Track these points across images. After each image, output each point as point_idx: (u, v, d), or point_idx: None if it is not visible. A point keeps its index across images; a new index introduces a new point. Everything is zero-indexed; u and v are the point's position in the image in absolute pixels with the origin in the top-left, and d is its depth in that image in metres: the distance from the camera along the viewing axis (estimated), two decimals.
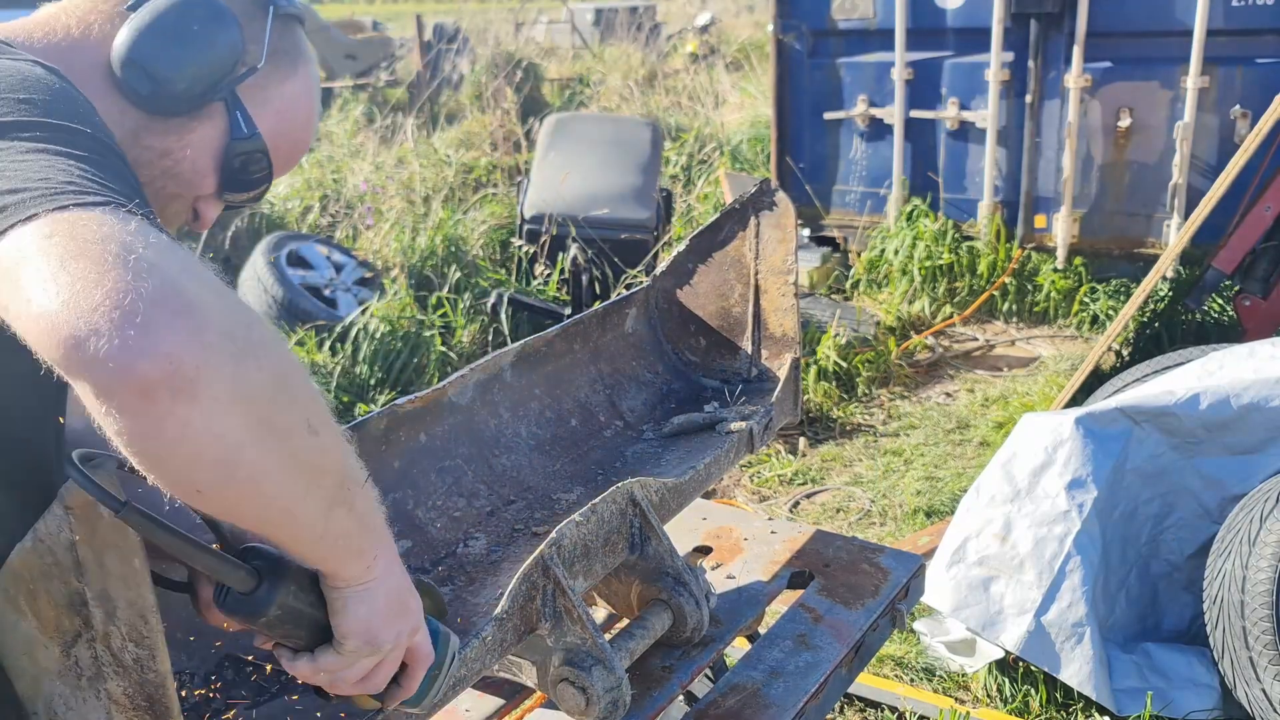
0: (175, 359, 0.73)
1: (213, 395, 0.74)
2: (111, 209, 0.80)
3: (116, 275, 0.73)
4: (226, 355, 0.75)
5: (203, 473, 0.76)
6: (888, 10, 5.85)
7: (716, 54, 13.92)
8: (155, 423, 0.73)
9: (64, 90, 0.98)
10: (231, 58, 1.15)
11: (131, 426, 0.74)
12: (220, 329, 0.76)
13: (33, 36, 1.11)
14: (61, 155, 0.87)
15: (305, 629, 0.96)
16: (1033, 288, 5.94)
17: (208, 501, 0.79)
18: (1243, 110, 5.06)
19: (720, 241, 2.09)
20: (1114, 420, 2.95)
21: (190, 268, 0.78)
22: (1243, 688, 2.64)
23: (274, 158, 1.22)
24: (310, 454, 0.83)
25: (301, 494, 0.83)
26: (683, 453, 1.87)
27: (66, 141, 0.89)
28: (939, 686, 3.05)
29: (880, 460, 4.52)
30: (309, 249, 5.86)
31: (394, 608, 0.98)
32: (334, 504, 0.87)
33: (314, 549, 0.90)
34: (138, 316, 0.72)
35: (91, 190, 0.82)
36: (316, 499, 0.85)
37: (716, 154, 8.52)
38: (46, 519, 0.90)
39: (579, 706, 1.38)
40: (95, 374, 0.72)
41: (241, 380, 0.76)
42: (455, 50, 11.94)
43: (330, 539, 0.89)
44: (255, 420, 0.77)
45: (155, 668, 0.92)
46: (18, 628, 0.97)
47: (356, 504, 0.90)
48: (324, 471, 0.85)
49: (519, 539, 1.64)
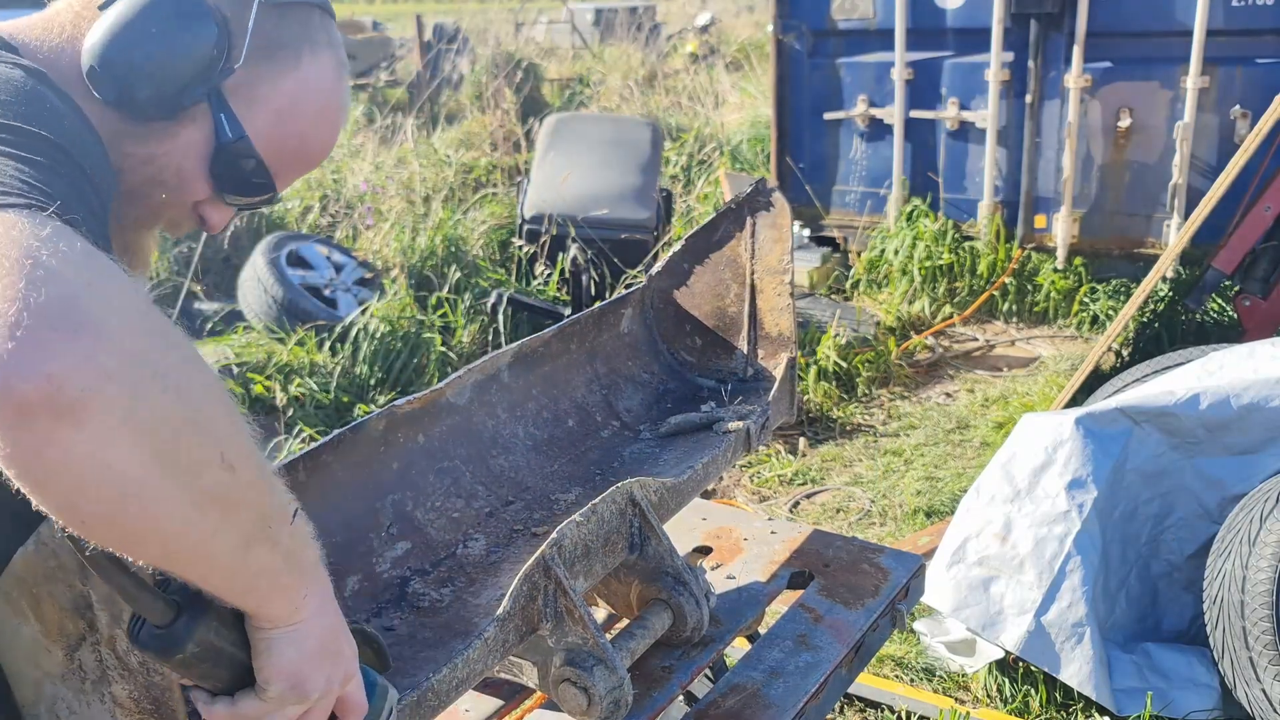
0: (58, 380, 0.67)
1: (102, 422, 0.69)
2: (30, 212, 0.75)
3: (8, 283, 0.69)
4: (124, 381, 0.70)
5: (88, 503, 0.71)
6: (888, 10, 5.85)
7: (716, 54, 13.93)
8: (33, 445, 0.68)
9: (33, 92, 0.95)
10: (204, 56, 1.07)
11: (10, 444, 0.68)
12: (122, 352, 0.70)
13: (31, 35, 1.09)
14: (3, 155, 0.83)
15: (226, 669, 0.88)
16: (1033, 288, 5.94)
17: (94, 533, 0.74)
18: (1243, 110, 5.06)
19: (716, 241, 2.09)
20: (1114, 420, 2.95)
21: (101, 283, 0.72)
22: (1243, 688, 2.64)
23: (279, 160, 1.15)
24: (223, 490, 0.77)
25: (211, 531, 0.77)
26: (680, 453, 1.87)
27: (14, 144, 0.86)
28: (939, 686, 3.06)
29: (880, 460, 4.52)
30: (309, 249, 5.87)
31: (324, 652, 0.91)
32: (252, 541, 0.81)
33: (230, 587, 0.84)
34: (19, 329, 0.67)
35: (17, 191, 0.78)
36: (230, 536, 0.79)
37: (716, 154, 8.52)
38: (49, 521, 0.90)
39: (580, 706, 1.38)
40: None
41: (139, 409, 0.71)
42: (455, 50, 11.95)
43: (249, 577, 0.83)
44: (153, 453, 0.71)
45: (161, 670, 0.91)
46: (20, 631, 0.97)
47: (281, 541, 0.84)
48: (239, 508, 0.79)
49: (518, 540, 1.64)
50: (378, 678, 1.04)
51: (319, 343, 5.04)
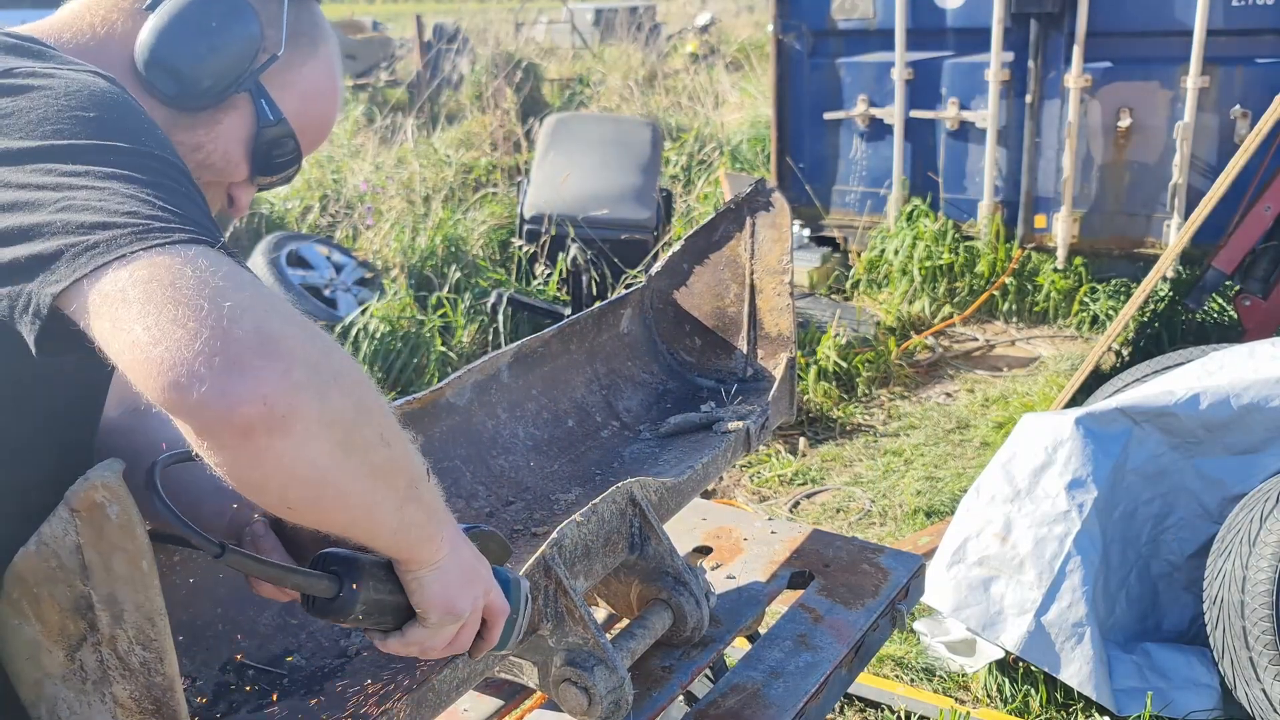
0: (270, 400, 0.79)
1: (303, 427, 0.81)
2: (201, 249, 0.85)
3: (213, 322, 0.79)
4: (313, 389, 0.82)
5: (296, 493, 0.85)
6: (888, 10, 5.85)
7: (716, 54, 13.93)
8: (253, 457, 0.81)
9: (125, 103, 0.99)
10: (252, 48, 1.16)
11: (233, 460, 0.81)
12: (305, 364, 0.82)
13: (61, 38, 1.11)
14: (138, 183, 0.89)
15: (390, 614, 1.04)
16: (1033, 288, 5.94)
17: (299, 515, 0.88)
18: (1243, 110, 5.06)
19: (716, 242, 2.09)
20: (1114, 420, 2.95)
21: (274, 307, 0.84)
22: (1243, 688, 2.64)
23: (301, 138, 1.24)
24: (385, 463, 0.90)
25: (380, 499, 0.91)
26: (680, 453, 1.87)
27: (139, 166, 0.91)
28: (939, 686, 3.06)
29: (880, 460, 4.52)
30: (309, 249, 5.87)
31: (466, 577, 1.06)
32: (406, 501, 0.94)
33: (392, 542, 0.97)
34: (234, 363, 0.79)
35: (176, 226, 0.86)
36: (392, 500, 0.92)
37: (716, 154, 8.52)
38: (51, 522, 0.90)
39: (581, 706, 1.38)
40: (198, 417, 0.79)
41: (326, 409, 0.83)
42: (455, 50, 11.94)
43: (404, 532, 0.96)
44: (339, 443, 0.84)
45: (163, 670, 0.92)
46: (21, 632, 0.97)
47: (424, 497, 0.98)
48: (396, 475, 0.92)
49: (518, 540, 1.64)
50: (509, 574, 1.18)
51: None
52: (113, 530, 0.87)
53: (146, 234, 0.84)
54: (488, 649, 1.15)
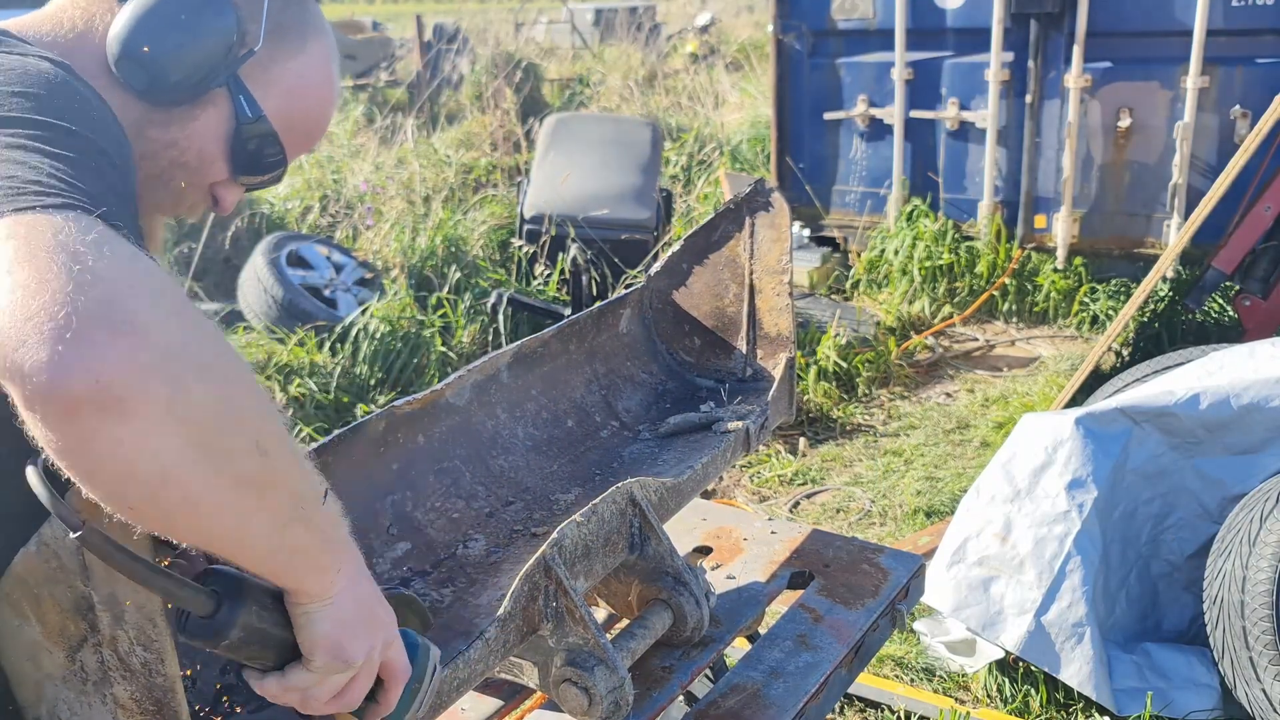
0: (103, 378, 0.72)
1: (145, 415, 0.73)
2: (76, 214, 0.79)
3: (57, 286, 0.73)
4: (163, 375, 0.74)
5: (134, 489, 0.76)
6: (888, 10, 5.85)
7: (716, 54, 13.93)
8: (80, 440, 0.73)
9: (65, 85, 0.97)
10: (227, 41, 1.13)
11: (59, 440, 0.74)
12: (159, 347, 0.75)
13: (41, 31, 1.11)
14: (38, 153, 0.86)
15: (272, 649, 0.94)
16: (1033, 288, 5.94)
17: (141, 518, 0.79)
18: (1243, 110, 5.06)
19: (715, 241, 2.09)
20: (1114, 420, 2.95)
21: (141, 282, 0.77)
22: (1243, 688, 2.65)
23: (288, 137, 1.20)
24: (258, 474, 0.81)
25: (249, 513, 0.82)
26: (680, 453, 1.87)
27: (49, 140, 0.89)
28: (939, 686, 3.06)
29: (880, 460, 4.52)
30: (309, 249, 5.86)
31: (362, 621, 0.96)
32: (288, 521, 0.85)
33: (271, 567, 0.88)
34: (69, 331, 0.72)
35: (56, 190, 0.81)
36: (266, 517, 0.84)
37: (716, 154, 8.52)
38: (52, 523, 0.90)
39: (581, 706, 1.38)
40: (21, 384, 0.72)
41: (179, 401, 0.75)
42: (455, 50, 11.94)
43: (286, 556, 0.88)
44: (193, 441, 0.76)
45: (164, 671, 0.92)
46: (21, 633, 0.97)
47: (314, 520, 0.88)
48: (274, 490, 0.84)
49: (518, 540, 1.64)
50: (419, 638, 1.07)
51: (319, 343, 5.04)
52: (113, 530, 0.87)
53: (18, 196, 0.79)
54: (381, 714, 1.03)
